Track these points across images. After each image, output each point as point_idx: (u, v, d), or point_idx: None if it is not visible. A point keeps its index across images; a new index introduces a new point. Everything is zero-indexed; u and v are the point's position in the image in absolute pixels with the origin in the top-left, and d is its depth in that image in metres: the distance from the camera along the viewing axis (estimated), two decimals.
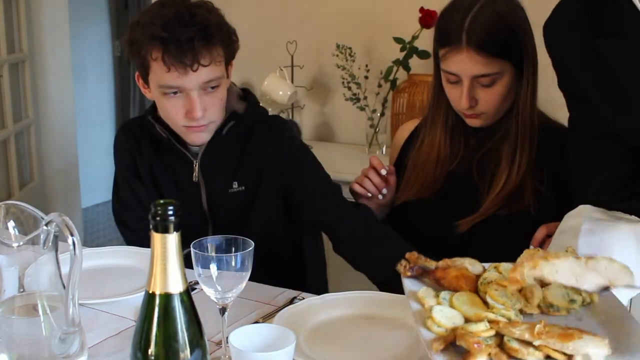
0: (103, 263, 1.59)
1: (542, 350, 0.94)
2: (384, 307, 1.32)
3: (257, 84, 3.14)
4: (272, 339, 1.06)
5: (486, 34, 1.41)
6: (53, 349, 0.92)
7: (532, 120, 1.50)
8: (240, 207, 1.64)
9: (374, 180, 1.56)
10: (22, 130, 3.52)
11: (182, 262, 0.83)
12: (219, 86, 1.52)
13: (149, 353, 0.82)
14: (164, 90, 1.50)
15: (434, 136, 1.58)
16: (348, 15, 2.99)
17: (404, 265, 1.19)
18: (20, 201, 0.98)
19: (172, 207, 0.80)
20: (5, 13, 3.25)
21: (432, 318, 1.03)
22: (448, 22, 1.46)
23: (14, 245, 0.93)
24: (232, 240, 1.15)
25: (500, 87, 1.46)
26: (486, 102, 1.47)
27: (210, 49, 1.47)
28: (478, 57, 1.41)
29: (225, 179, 1.64)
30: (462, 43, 1.41)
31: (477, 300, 1.08)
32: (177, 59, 1.42)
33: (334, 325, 1.26)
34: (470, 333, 0.98)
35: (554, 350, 0.93)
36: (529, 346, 0.95)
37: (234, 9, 3.28)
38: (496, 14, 1.43)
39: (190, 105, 1.49)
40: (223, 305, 1.14)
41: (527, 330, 0.96)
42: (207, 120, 1.53)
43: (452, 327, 1.01)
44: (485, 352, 0.95)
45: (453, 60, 1.44)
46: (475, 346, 0.95)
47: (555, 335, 0.94)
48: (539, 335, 0.94)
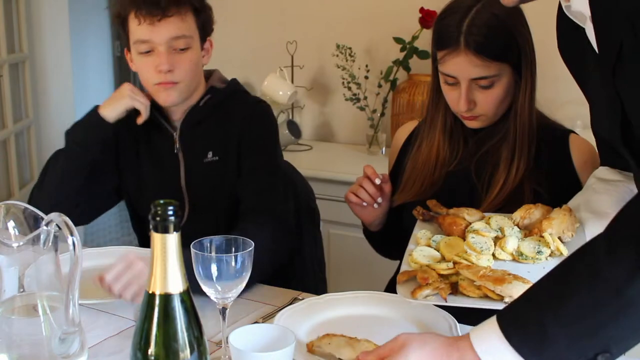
0: (103, 263, 1.58)
1: (482, 290, 1.15)
2: (384, 307, 1.32)
3: (257, 84, 3.14)
4: (272, 339, 1.06)
5: (484, 37, 1.40)
6: (53, 349, 0.92)
7: (530, 121, 1.49)
8: (213, 178, 1.70)
9: (369, 189, 1.53)
10: (22, 130, 3.52)
11: (182, 262, 0.83)
12: (189, 48, 1.62)
13: (149, 353, 0.82)
14: (138, 47, 1.61)
15: (432, 138, 1.58)
16: (348, 15, 2.99)
17: (418, 210, 1.46)
18: (20, 201, 0.98)
19: (172, 207, 0.80)
20: (5, 13, 3.25)
21: (411, 256, 1.28)
22: (446, 25, 1.45)
23: (14, 245, 0.93)
24: (232, 240, 1.15)
25: (499, 89, 1.46)
26: (484, 104, 1.47)
27: (179, 5, 1.59)
28: (476, 60, 1.41)
29: (201, 148, 1.71)
30: (460, 45, 1.41)
31: (460, 245, 1.29)
32: (146, 11, 1.57)
33: (334, 326, 1.26)
34: (430, 270, 1.21)
35: (489, 291, 1.14)
36: (473, 286, 1.16)
37: (234, 9, 3.28)
38: (494, 16, 1.42)
39: (158, 60, 1.59)
40: (223, 305, 1.14)
41: (474, 273, 1.16)
42: (175, 78, 1.61)
43: (425, 264, 1.25)
44: (431, 287, 1.17)
45: (451, 63, 1.44)
46: (424, 280, 1.18)
47: (492, 279, 1.14)
48: (481, 278, 1.15)
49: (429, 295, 1.18)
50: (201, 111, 1.69)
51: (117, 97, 1.66)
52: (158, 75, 1.60)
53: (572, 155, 1.50)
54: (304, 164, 2.45)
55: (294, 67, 3.05)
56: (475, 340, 0.95)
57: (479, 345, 0.95)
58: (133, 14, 1.59)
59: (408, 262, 1.28)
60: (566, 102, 2.52)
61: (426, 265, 1.25)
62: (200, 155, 1.70)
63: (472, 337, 0.96)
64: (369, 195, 1.54)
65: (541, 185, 1.48)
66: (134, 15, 1.58)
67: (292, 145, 2.98)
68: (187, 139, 1.71)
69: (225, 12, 3.35)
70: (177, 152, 1.71)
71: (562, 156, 1.51)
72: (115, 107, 1.65)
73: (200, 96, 1.70)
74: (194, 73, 1.66)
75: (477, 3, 1.44)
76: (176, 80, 1.61)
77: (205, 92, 1.71)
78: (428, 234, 1.37)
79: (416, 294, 1.17)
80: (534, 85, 1.49)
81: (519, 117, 1.49)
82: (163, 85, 1.62)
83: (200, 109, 1.69)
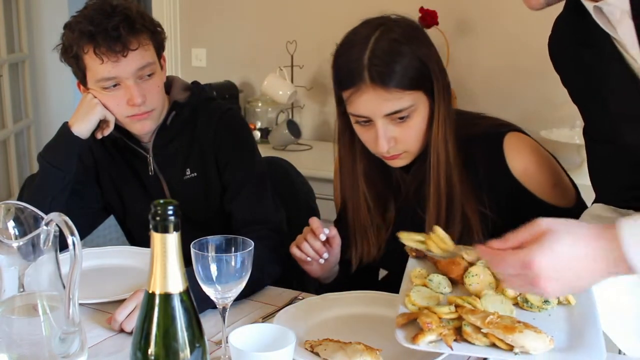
0: (103, 263, 1.59)
1: (489, 338, 1.05)
2: (384, 307, 1.32)
3: (257, 84, 3.15)
4: (272, 339, 1.06)
5: (388, 67, 1.27)
6: (53, 349, 0.92)
7: (446, 153, 1.35)
8: (196, 194, 1.69)
9: (313, 244, 1.40)
10: (22, 130, 3.52)
11: (182, 262, 0.83)
12: (153, 73, 1.59)
13: (148, 353, 0.82)
14: (103, 84, 1.56)
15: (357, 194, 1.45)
16: (348, 15, 2.98)
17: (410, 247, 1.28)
18: (20, 201, 0.98)
19: (172, 207, 0.81)
20: (5, 13, 3.25)
21: (409, 297, 1.16)
22: (345, 62, 1.33)
23: (14, 245, 0.93)
24: (232, 240, 1.15)
25: (417, 120, 1.33)
26: (405, 140, 1.34)
27: (137, 35, 1.54)
28: (385, 94, 1.28)
29: (179, 166, 1.69)
30: (365, 81, 1.28)
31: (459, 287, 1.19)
32: (107, 48, 1.51)
33: (334, 325, 1.26)
34: (432, 314, 1.09)
35: (498, 339, 1.04)
36: (479, 332, 1.06)
37: (234, 9, 3.29)
38: (395, 42, 1.30)
39: (129, 93, 1.56)
40: (223, 305, 1.14)
41: (480, 319, 1.05)
42: (148, 107, 1.59)
43: (424, 307, 1.13)
44: (435, 332, 1.06)
45: (359, 102, 1.30)
46: (427, 325, 1.06)
47: (502, 326, 1.03)
48: (488, 325, 1.04)
49: (433, 341, 1.07)
50: (169, 130, 1.67)
51: (87, 110, 1.59)
52: (131, 108, 1.57)
53: (508, 161, 1.36)
54: (304, 163, 2.44)
55: (294, 67, 3.05)
56: (624, 229, 0.89)
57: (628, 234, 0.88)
58: (91, 51, 1.52)
59: (405, 303, 1.15)
60: (566, 102, 2.52)
61: (425, 308, 1.13)
62: (178, 173, 1.69)
63: (622, 226, 0.89)
64: (314, 250, 1.40)
65: (484, 205, 1.36)
66: (93, 53, 1.51)
67: (292, 145, 2.98)
68: (162, 159, 1.69)
69: (226, 12, 3.35)
70: (156, 173, 1.69)
71: (497, 163, 1.36)
72: (88, 121, 1.59)
73: (165, 114, 1.66)
74: (162, 95, 1.64)
75: (374, 32, 1.32)
76: (149, 109, 1.59)
77: (169, 109, 1.67)
78: (423, 272, 1.26)
79: (418, 339, 1.06)
80: (449, 106, 1.36)
81: (432, 152, 1.35)
82: (137, 117, 1.59)
83: (168, 128, 1.66)
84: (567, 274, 0.91)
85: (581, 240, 0.91)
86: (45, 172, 1.60)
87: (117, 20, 1.51)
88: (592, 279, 0.93)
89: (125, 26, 1.51)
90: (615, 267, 0.90)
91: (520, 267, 0.92)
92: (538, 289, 0.92)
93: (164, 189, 1.70)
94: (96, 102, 1.58)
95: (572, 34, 1.21)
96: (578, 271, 0.91)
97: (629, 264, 0.88)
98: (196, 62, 3.44)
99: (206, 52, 3.41)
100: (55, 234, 0.93)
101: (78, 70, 1.59)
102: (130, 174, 1.72)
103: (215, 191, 1.68)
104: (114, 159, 1.72)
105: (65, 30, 1.57)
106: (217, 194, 1.68)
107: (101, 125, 1.63)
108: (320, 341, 1.16)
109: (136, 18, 1.55)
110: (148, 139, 1.67)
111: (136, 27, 1.53)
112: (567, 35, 1.23)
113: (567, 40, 1.23)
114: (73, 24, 1.55)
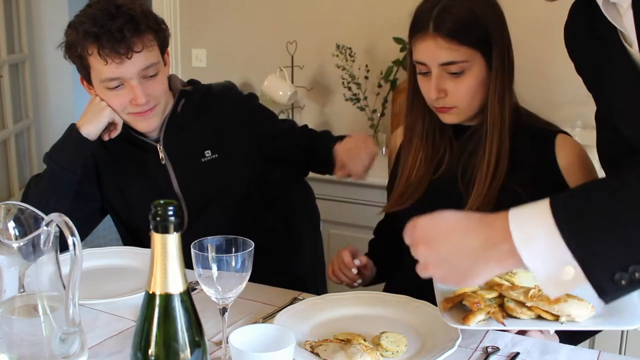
0: (103, 263, 1.59)
1: (533, 310, 1.09)
2: (384, 307, 1.32)
3: (257, 84, 3.14)
4: (272, 339, 1.06)
5: (452, 22, 1.39)
6: (53, 350, 0.92)
7: (502, 117, 1.44)
8: (211, 177, 1.70)
9: (347, 274, 1.55)
10: (22, 130, 3.52)
11: (182, 262, 0.83)
12: (157, 73, 1.60)
13: (149, 353, 0.82)
14: (107, 84, 1.57)
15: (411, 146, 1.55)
16: (348, 15, 2.99)
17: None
18: (20, 201, 0.98)
19: (172, 207, 0.80)
20: (5, 13, 3.25)
21: None
22: (420, 11, 1.44)
23: (14, 245, 0.93)
24: (232, 240, 1.15)
25: (470, 78, 1.42)
26: (456, 94, 1.43)
27: (141, 36, 1.54)
28: (443, 42, 1.39)
29: (194, 151, 1.70)
30: (428, 30, 1.40)
31: None
32: (111, 50, 1.51)
33: (334, 326, 1.26)
34: (475, 294, 1.14)
35: (543, 311, 1.09)
36: (523, 307, 1.10)
37: (234, 9, 3.28)
38: (466, 4, 1.41)
39: (133, 93, 1.57)
40: (223, 305, 1.14)
41: (523, 294, 1.10)
42: (151, 104, 1.61)
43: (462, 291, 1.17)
44: (484, 311, 1.11)
45: (420, 48, 1.42)
46: (475, 305, 1.11)
47: (545, 298, 1.07)
48: (532, 298, 1.09)
49: (482, 320, 1.12)
50: (181, 116, 1.68)
51: (96, 112, 1.60)
52: (134, 107, 1.59)
53: (557, 155, 1.44)
54: None
55: (294, 67, 3.05)
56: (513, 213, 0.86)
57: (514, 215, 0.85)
58: (95, 52, 1.52)
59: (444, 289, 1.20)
60: (566, 102, 2.52)
61: (468, 291, 1.18)
62: (195, 158, 1.69)
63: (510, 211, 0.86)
64: (348, 278, 1.56)
65: (523, 187, 1.41)
66: (97, 55, 1.52)
67: None
68: (173, 147, 1.69)
69: (226, 13, 3.35)
70: (164, 163, 1.69)
71: (547, 156, 1.44)
72: (97, 122, 1.60)
73: (173, 103, 1.69)
74: (165, 91, 1.65)
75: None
76: (152, 106, 1.60)
77: (177, 98, 1.69)
78: None
79: (469, 320, 1.11)
80: (506, 79, 1.45)
81: (488, 113, 1.44)
82: (141, 115, 1.60)
83: (180, 115, 1.68)
84: (445, 243, 0.90)
85: (466, 217, 0.91)
86: (52, 173, 1.61)
87: (122, 22, 1.50)
88: (473, 259, 0.88)
89: (130, 27, 1.51)
90: (496, 245, 0.86)
91: (410, 232, 0.94)
92: (418, 255, 0.92)
93: (171, 178, 1.70)
94: (105, 104, 1.60)
95: (582, 23, 1.20)
96: (456, 241, 0.89)
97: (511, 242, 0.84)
98: (196, 62, 3.44)
99: (206, 53, 3.41)
100: (55, 234, 0.93)
101: (82, 69, 1.60)
102: (134, 171, 1.71)
103: (231, 172, 1.71)
104: (116, 159, 1.72)
105: (69, 29, 1.57)
106: (232, 176, 1.71)
107: (109, 128, 1.64)
108: (320, 341, 1.16)
109: (141, 19, 1.54)
110: (157, 133, 1.69)
111: (140, 29, 1.53)
112: (578, 23, 1.23)
113: (578, 28, 1.23)
114: (77, 23, 1.54)
